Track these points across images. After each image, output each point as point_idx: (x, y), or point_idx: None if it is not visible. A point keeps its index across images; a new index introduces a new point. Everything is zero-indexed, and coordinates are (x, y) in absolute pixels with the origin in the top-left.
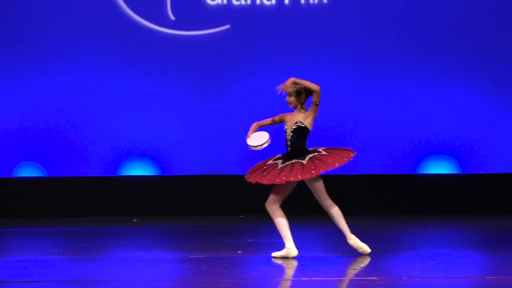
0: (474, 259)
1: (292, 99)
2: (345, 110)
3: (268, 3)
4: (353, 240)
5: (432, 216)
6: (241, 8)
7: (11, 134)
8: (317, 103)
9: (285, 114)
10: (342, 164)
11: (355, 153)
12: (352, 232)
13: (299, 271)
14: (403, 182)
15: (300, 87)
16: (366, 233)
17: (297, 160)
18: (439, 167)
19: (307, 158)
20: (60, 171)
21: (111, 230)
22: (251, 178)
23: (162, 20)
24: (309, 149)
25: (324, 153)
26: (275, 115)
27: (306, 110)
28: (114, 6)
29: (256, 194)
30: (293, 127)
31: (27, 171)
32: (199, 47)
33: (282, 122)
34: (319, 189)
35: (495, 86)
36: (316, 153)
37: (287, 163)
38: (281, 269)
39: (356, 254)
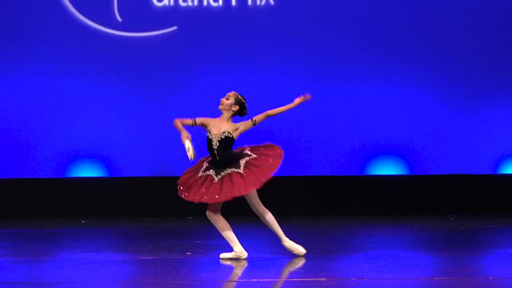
0: (423, 260)
1: (228, 102)
2: (296, 110)
3: (215, 4)
4: (288, 242)
5: (380, 217)
6: (188, 9)
7: None
8: (256, 124)
9: (207, 118)
10: (279, 166)
11: (281, 148)
12: (303, 233)
13: (247, 272)
14: (351, 183)
15: (241, 98)
16: (314, 234)
17: (233, 170)
18: (387, 168)
19: (242, 166)
20: (7, 172)
21: (59, 232)
22: (191, 197)
23: (109, 21)
24: (236, 151)
25: (254, 155)
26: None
27: (232, 122)
28: (60, 7)
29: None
30: (221, 136)
31: None
32: (147, 48)
33: (202, 126)
34: (254, 195)
35: (445, 86)
36: (247, 157)
37: (223, 173)
38: (230, 270)
39: (304, 256)
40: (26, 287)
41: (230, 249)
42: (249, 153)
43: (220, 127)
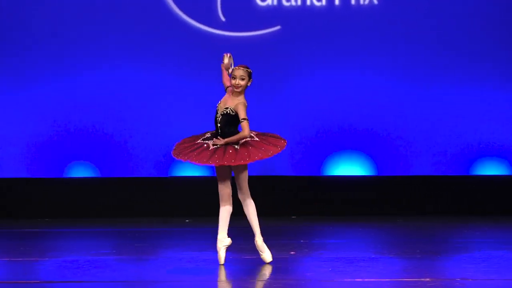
0: None
1: (244, 83)
2: (392, 112)
3: (318, 4)
4: (261, 242)
5: (483, 216)
6: (291, 9)
7: (66, 134)
8: (243, 120)
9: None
10: (276, 154)
11: (287, 141)
12: (406, 233)
13: (352, 271)
14: (455, 183)
15: (251, 71)
16: (418, 234)
17: (229, 144)
18: (491, 168)
19: (240, 143)
20: (112, 171)
21: (163, 231)
22: (181, 156)
23: (212, 21)
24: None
25: (257, 138)
26: (327, 116)
27: (239, 100)
28: (164, 6)
29: (310, 195)
30: (224, 111)
31: (79, 172)
32: (250, 48)
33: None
34: (244, 177)
35: None
36: (249, 138)
37: (220, 145)
38: (334, 270)
39: (409, 255)
40: (130, 286)
41: (332, 248)
42: (253, 136)
43: (227, 101)
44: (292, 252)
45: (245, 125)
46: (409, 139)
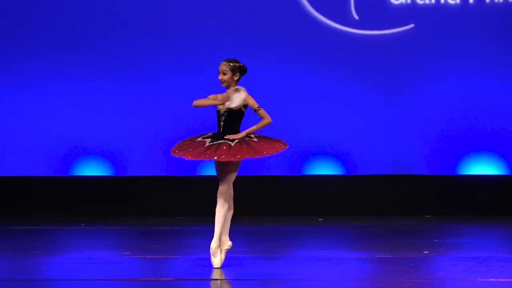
0: None
1: (227, 77)
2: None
3: (452, 2)
4: (216, 245)
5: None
6: (425, 7)
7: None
8: (256, 112)
9: (214, 95)
10: (270, 154)
11: (287, 146)
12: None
13: (486, 272)
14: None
15: (235, 65)
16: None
17: (225, 141)
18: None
19: (236, 141)
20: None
21: (294, 230)
22: (176, 152)
23: (346, 19)
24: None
25: (255, 139)
26: (461, 117)
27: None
28: (297, 5)
29: (447, 194)
30: (228, 109)
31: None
32: (383, 46)
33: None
34: (231, 176)
35: None
36: (247, 138)
37: (215, 142)
38: (468, 270)
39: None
40: (263, 284)
41: (470, 247)
42: (253, 137)
43: (228, 98)
44: (425, 252)
45: (263, 112)
46: None
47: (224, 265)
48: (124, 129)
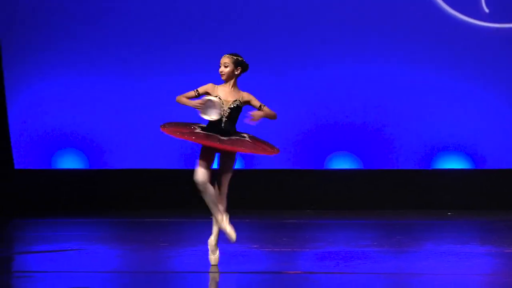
0: None
1: (228, 70)
2: None
3: None
4: (215, 240)
5: None
6: None
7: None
8: (259, 109)
9: (210, 84)
10: (261, 154)
11: (278, 151)
12: None
13: None
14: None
15: (238, 59)
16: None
17: (236, 137)
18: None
19: (233, 137)
20: (374, 163)
21: (424, 223)
22: (178, 134)
23: (476, 12)
24: (238, 132)
25: (249, 140)
26: None
27: (239, 90)
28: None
29: None
30: (233, 105)
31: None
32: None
33: (206, 94)
34: (229, 176)
35: None
36: (240, 137)
37: (214, 134)
38: None
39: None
40: (392, 278)
41: None
42: (246, 136)
43: (229, 94)
44: None
45: (268, 108)
46: None
47: (354, 259)
48: None
